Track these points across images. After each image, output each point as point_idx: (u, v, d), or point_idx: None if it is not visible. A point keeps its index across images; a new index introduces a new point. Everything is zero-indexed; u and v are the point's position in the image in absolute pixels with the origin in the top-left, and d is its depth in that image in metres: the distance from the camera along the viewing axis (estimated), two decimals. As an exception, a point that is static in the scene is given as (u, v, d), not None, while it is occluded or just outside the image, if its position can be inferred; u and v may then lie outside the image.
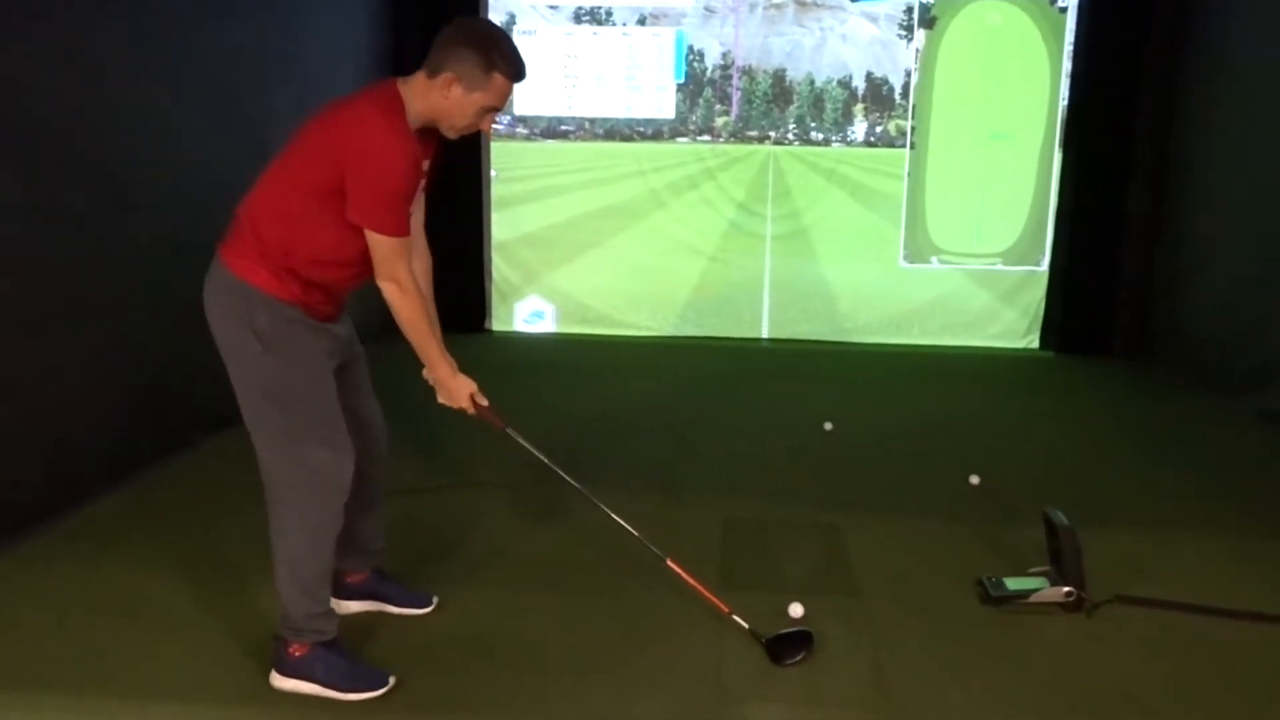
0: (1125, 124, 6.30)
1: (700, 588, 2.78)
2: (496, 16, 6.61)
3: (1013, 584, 2.96)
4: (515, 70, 2.37)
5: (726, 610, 2.75)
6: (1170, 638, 2.80)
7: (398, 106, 2.32)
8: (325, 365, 2.42)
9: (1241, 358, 5.36)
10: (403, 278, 2.35)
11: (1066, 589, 2.88)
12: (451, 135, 2.44)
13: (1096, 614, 2.89)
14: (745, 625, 2.71)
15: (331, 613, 2.50)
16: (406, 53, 6.25)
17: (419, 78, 2.35)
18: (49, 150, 3.42)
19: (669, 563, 2.83)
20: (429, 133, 2.44)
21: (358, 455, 2.47)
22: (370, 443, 2.60)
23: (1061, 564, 2.92)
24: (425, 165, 2.46)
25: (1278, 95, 5.17)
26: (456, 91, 2.33)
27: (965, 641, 2.76)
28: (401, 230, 2.32)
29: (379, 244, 2.32)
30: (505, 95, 2.39)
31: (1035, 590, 2.92)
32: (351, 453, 2.44)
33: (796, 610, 2.80)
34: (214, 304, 2.39)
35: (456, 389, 2.57)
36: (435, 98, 2.34)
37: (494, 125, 6.71)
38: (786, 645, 2.64)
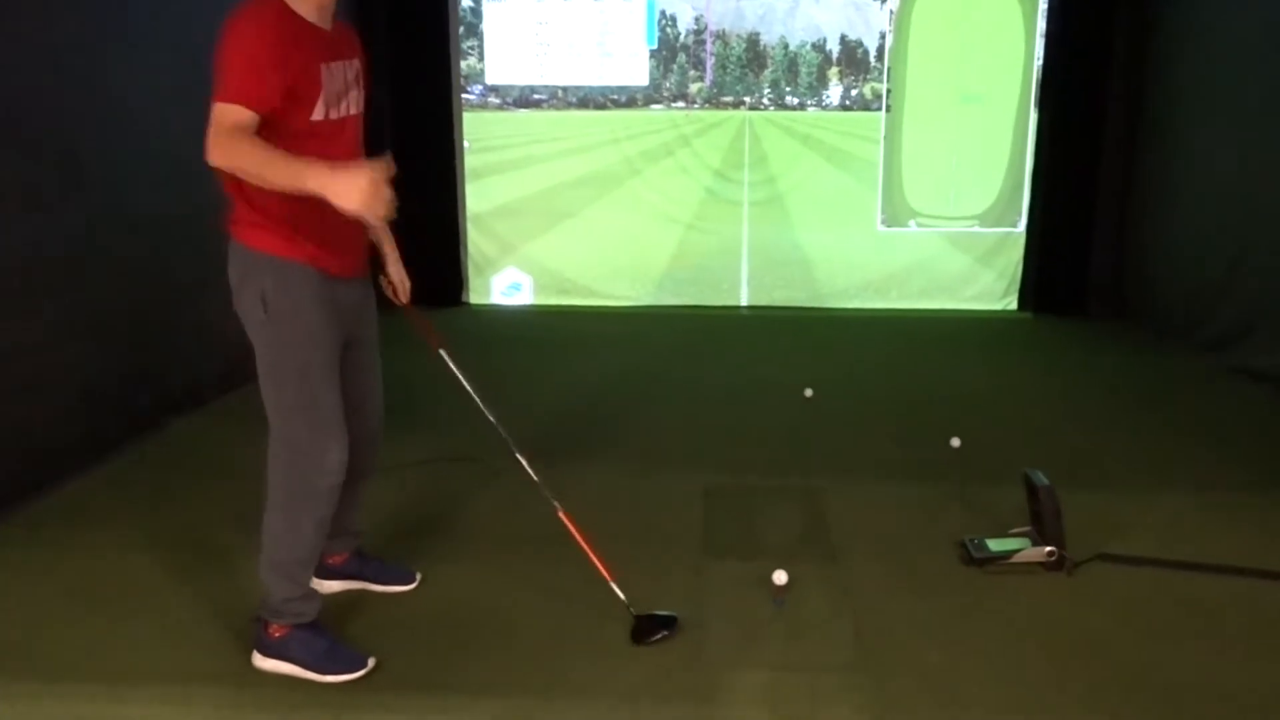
0: (1099, 83, 6.28)
1: (587, 548, 2.73)
2: (465, -17, 6.50)
3: (994, 545, 2.97)
4: None
5: (609, 577, 2.69)
6: (1152, 594, 2.82)
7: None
8: (327, 344, 2.35)
9: (1214, 315, 5.39)
10: (222, 138, 2.06)
11: (1048, 549, 2.89)
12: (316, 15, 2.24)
13: (1078, 573, 2.90)
14: (621, 596, 2.66)
15: (311, 595, 2.47)
16: (370, 9, 6.12)
17: None
18: (6, 127, 3.32)
19: (560, 514, 2.77)
20: (343, 37, 2.34)
21: (350, 438, 2.41)
22: (363, 427, 2.54)
23: (1042, 524, 2.93)
24: (343, 67, 2.32)
25: (1248, 54, 5.16)
26: None
27: (947, 603, 2.77)
28: (243, 94, 2.06)
29: (214, 114, 2.06)
30: None
31: (1017, 550, 2.93)
32: (344, 440, 2.38)
33: (780, 577, 2.79)
34: (234, 280, 2.35)
35: (348, 182, 2.05)
36: None
37: (465, 95, 6.64)
38: (649, 625, 2.59)
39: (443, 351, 2.72)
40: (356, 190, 2.04)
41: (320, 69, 2.24)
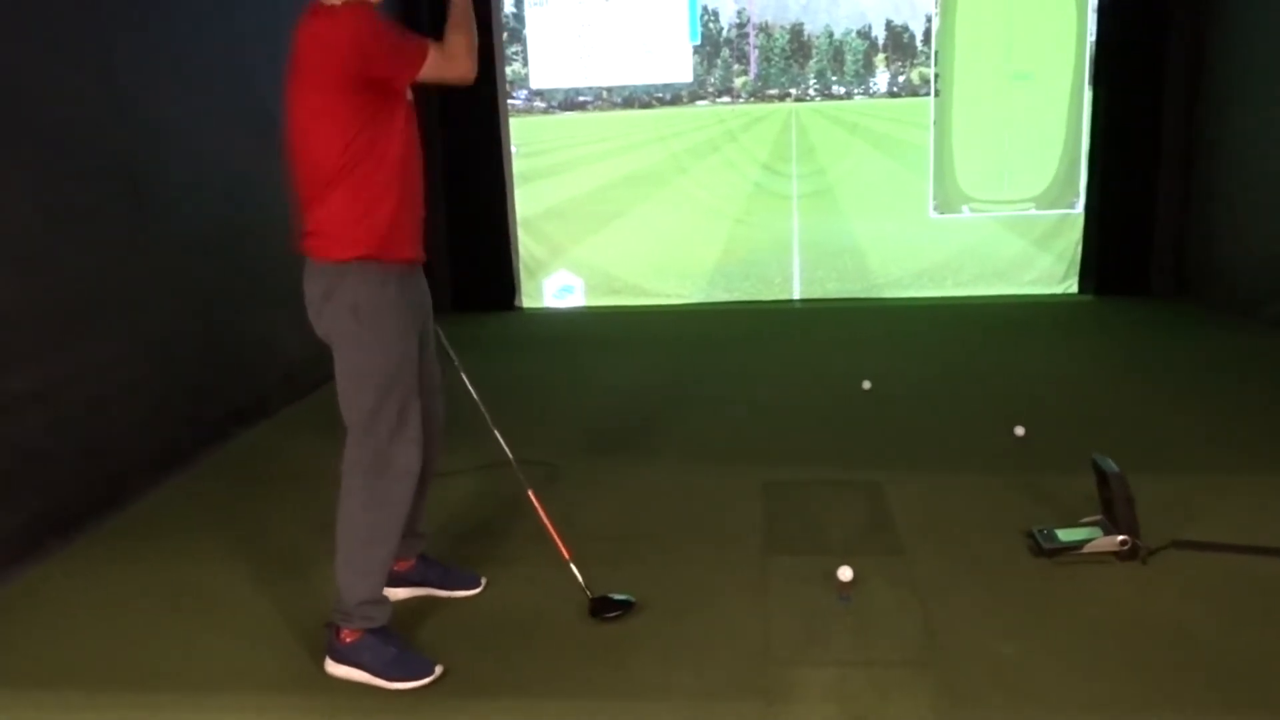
0: (1156, 55, 6.13)
1: (550, 528, 2.77)
2: (506, -11, 6.54)
3: (1064, 535, 2.90)
4: None
5: (568, 556, 2.75)
6: (1230, 581, 2.74)
7: (322, 6, 2.30)
8: (411, 348, 2.44)
9: (1284, 290, 5.24)
10: (438, 58, 2.36)
11: (1121, 537, 2.82)
12: None
13: (1152, 561, 2.82)
14: (580, 578, 2.71)
15: (384, 601, 2.50)
16: (415, 21, 6.18)
17: None
18: (69, 152, 3.43)
19: (529, 494, 2.83)
20: None
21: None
22: (429, 422, 2.59)
23: (1114, 512, 2.86)
24: None
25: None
26: None
27: (1017, 595, 2.72)
28: (423, 44, 2.36)
29: (428, 65, 2.34)
30: None
31: (1088, 540, 2.86)
32: (422, 441, 2.47)
33: (845, 573, 2.76)
34: (317, 296, 2.39)
35: None
36: None
37: (511, 101, 6.68)
38: (604, 604, 2.67)
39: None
40: None
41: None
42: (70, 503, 3.33)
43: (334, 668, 2.46)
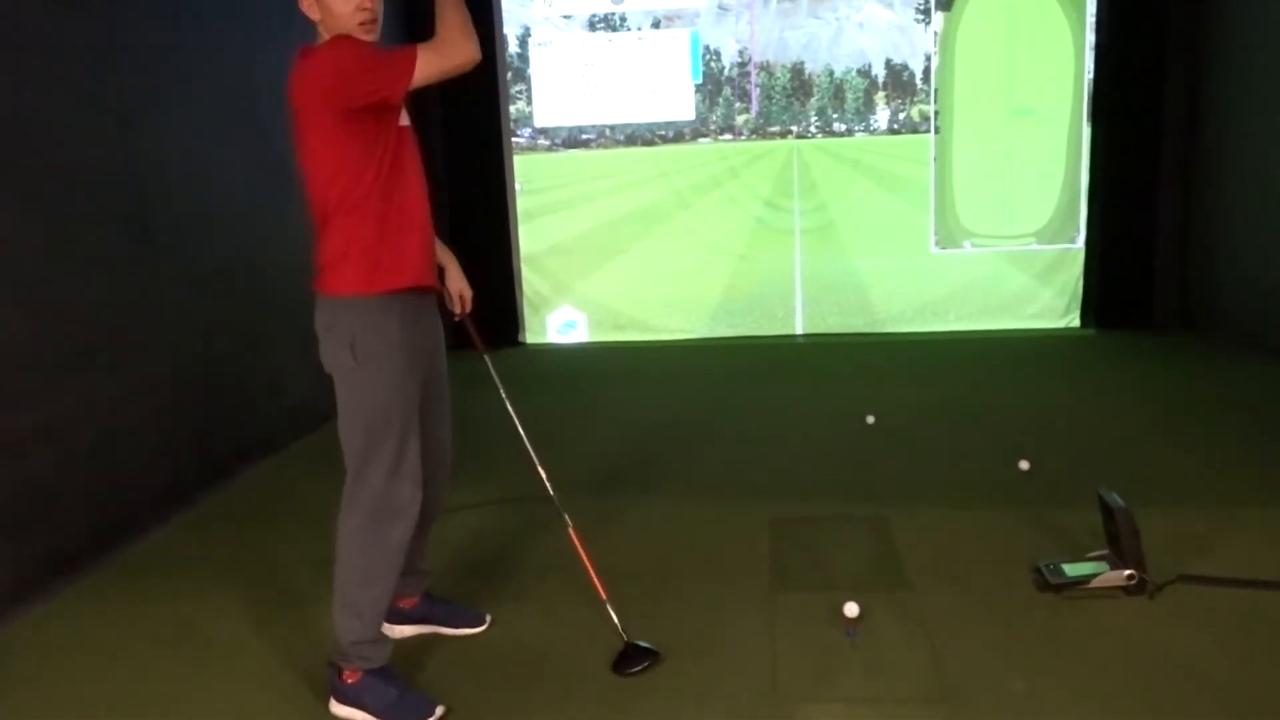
0: (1155, 93, 6.20)
1: (590, 569, 2.74)
2: (511, 30, 6.63)
3: (1071, 569, 2.89)
4: None
5: (604, 597, 2.71)
6: (1239, 616, 2.72)
7: (308, 46, 2.32)
8: (409, 389, 2.41)
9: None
10: (432, 52, 2.24)
11: (1128, 572, 2.81)
12: (368, 35, 2.34)
13: (1160, 596, 2.81)
14: (615, 619, 2.67)
15: (380, 639, 2.49)
16: (423, 91, 6.28)
17: (317, 35, 2.36)
18: (76, 190, 3.46)
19: (570, 531, 2.80)
20: None
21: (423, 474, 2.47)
22: (434, 467, 2.59)
23: (1120, 546, 2.85)
24: None
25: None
26: (316, 5, 2.31)
27: (1026, 630, 2.70)
28: (410, 50, 2.23)
29: (422, 66, 2.23)
30: None
31: (1095, 575, 2.85)
32: (420, 480, 2.45)
33: (852, 609, 2.75)
34: (321, 330, 2.40)
35: None
36: (322, 27, 2.33)
37: (515, 139, 6.75)
38: (635, 655, 2.60)
39: (487, 358, 2.82)
40: None
41: None
42: (75, 541, 3.34)
43: (337, 708, 2.45)
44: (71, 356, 3.39)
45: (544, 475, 2.84)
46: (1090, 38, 6.26)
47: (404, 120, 2.42)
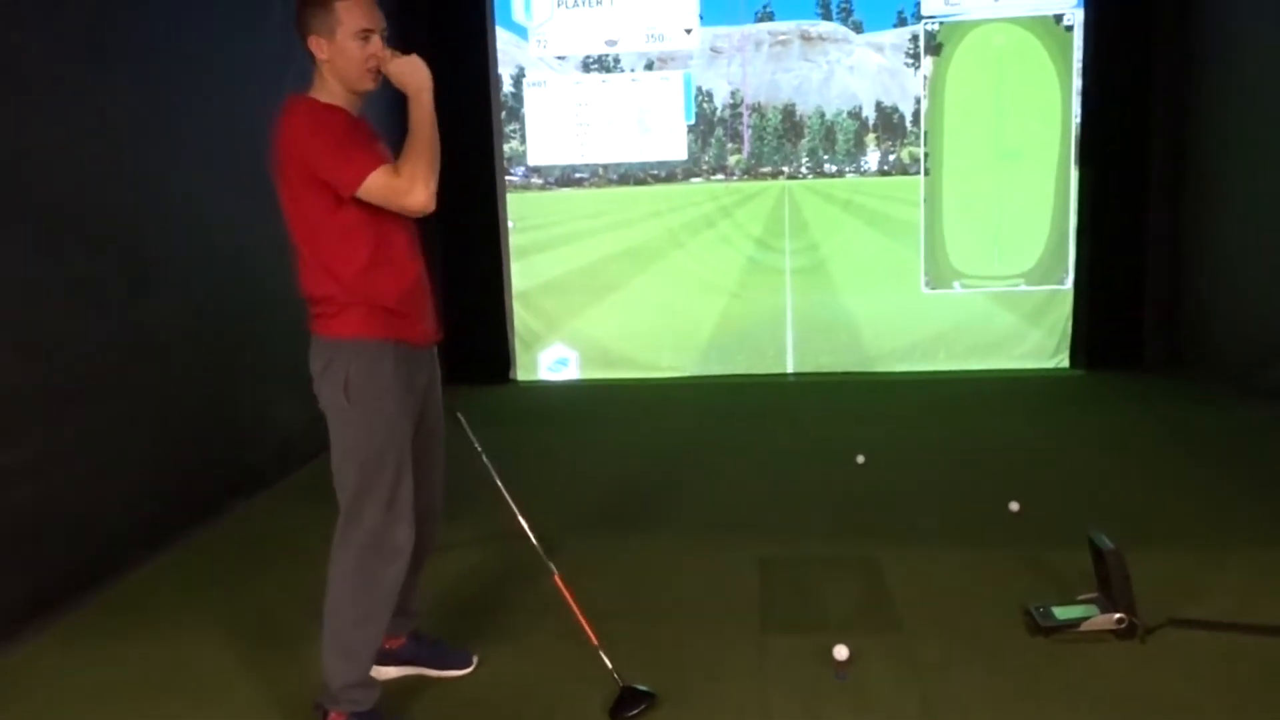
0: (1141, 137, 6.28)
1: (580, 615, 2.71)
2: (505, 71, 6.70)
3: (1061, 612, 2.89)
4: None
5: (596, 643, 2.67)
6: (1229, 660, 2.72)
7: (299, 99, 2.35)
8: (403, 431, 2.42)
9: (1275, 362, 5.27)
10: (399, 185, 2.27)
11: (1118, 615, 2.81)
12: (372, 83, 2.38)
13: (1150, 639, 2.81)
14: (609, 664, 2.63)
15: (370, 683, 2.47)
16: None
17: (316, 80, 2.38)
18: (69, 227, 3.45)
19: (555, 579, 2.75)
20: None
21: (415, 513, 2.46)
22: (426, 505, 2.58)
23: (1110, 589, 2.85)
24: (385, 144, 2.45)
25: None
26: (327, 45, 2.33)
27: (1016, 674, 2.69)
28: (372, 162, 2.26)
29: (372, 189, 2.26)
30: (361, 9, 2.33)
31: (1085, 618, 2.85)
32: (413, 523, 2.44)
33: (841, 652, 2.74)
34: (316, 370, 2.41)
35: (413, 64, 2.36)
36: (326, 67, 2.35)
37: (509, 177, 6.80)
38: (632, 699, 2.56)
39: (460, 416, 2.77)
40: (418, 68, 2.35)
41: (380, 143, 2.39)
42: (58, 579, 3.30)
43: (324, 751, 2.43)
44: (60, 393, 3.38)
45: (525, 525, 2.80)
46: (1077, 82, 6.35)
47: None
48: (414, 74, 2.35)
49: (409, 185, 2.28)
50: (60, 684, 2.84)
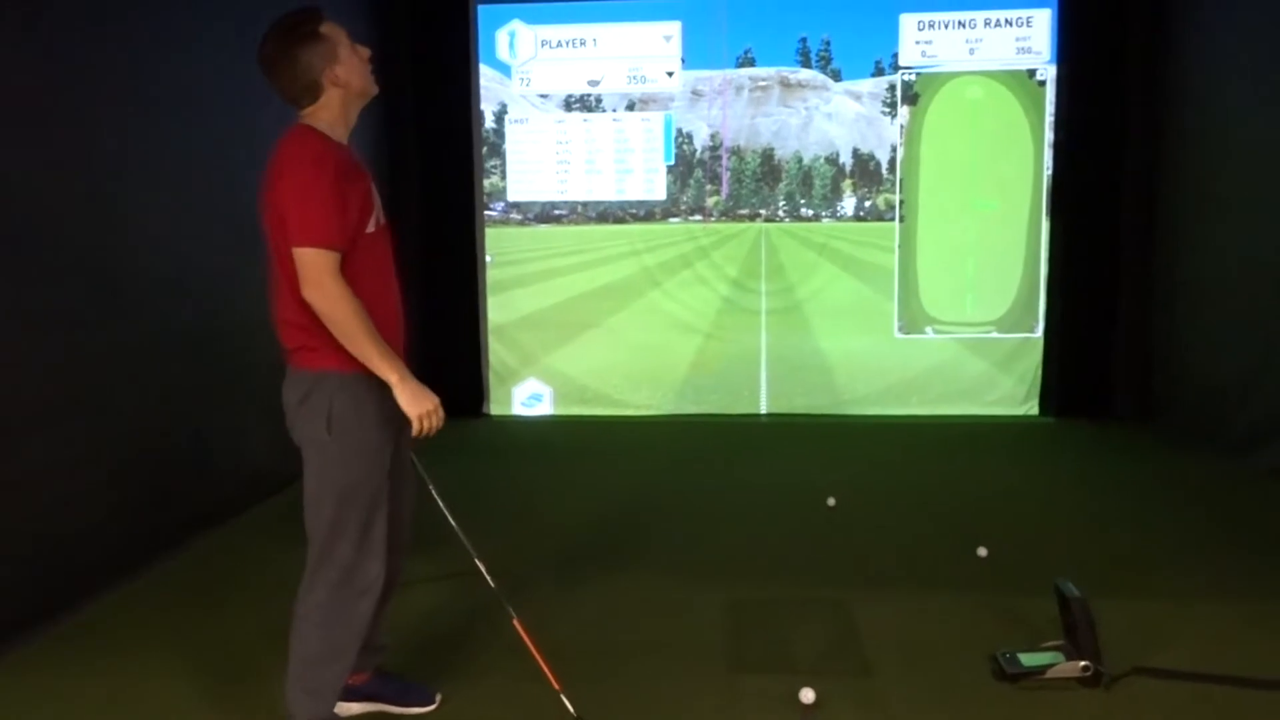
0: (1111, 189, 6.40)
1: (540, 659, 2.66)
2: (488, 107, 6.75)
3: (1027, 659, 2.89)
4: (316, 10, 2.36)
5: (558, 687, 2.63)
6: (1193, 710, 2.73)
7: (309, 130, 2.33)
8: (382, 465, 2.39)
9: (1242, 413, 5.35)
10: (328, 285, 2.22)
11: (1083, 663, 2.82)
12: (375, 85, 2.41)
13: (1115, 688, 2.82)
14: (570, 709, 2.59)
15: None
16: (399, 133, 6.43)
17: (312, 108, 2.36)
18: (36, 250, 3.41)
19: (515, 623, 2.70)
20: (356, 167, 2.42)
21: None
22: (396, 539, 2.56)
23: (1076, 637, 2.86)
24: (371, 180, 2.42)
25: (1261, 151, 5.25)
26: (340, 69, 2.33)
27: (983, 720, 2.69)
28: (330, 238, 2.22)
29: (305, 259, 2.20)
30: (333, 21, 2.36)
31: (1051, 665, 2.86)
32: (384, 559, 2.42)
33: (808, 696, 2.73)
34: (293, 402, 2.37)
35: (419, 394, 2.31)
36: (339, 93, 2.34)
37: (488, 212, 6.83)
38: None
39: (415, 461, 2.69)
40: (422, 403, 2.30)
41: (370, 187, 2.36)
42: (16, 610, 3.23)
43: (282, 787, 2.38)
44: (23, 417, 3.33)
45: (481, 566, 2.74)
46: (1049, 135, 6.48)
47: (381, 220, 2.42)
48: (417, 404, 2.30)
49: (321, 292, 2.21)
50: (15, 714, 2.77)
